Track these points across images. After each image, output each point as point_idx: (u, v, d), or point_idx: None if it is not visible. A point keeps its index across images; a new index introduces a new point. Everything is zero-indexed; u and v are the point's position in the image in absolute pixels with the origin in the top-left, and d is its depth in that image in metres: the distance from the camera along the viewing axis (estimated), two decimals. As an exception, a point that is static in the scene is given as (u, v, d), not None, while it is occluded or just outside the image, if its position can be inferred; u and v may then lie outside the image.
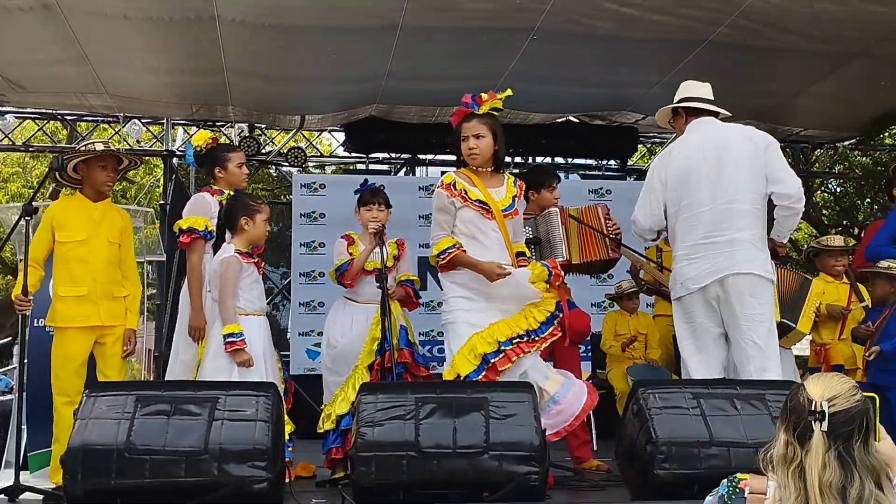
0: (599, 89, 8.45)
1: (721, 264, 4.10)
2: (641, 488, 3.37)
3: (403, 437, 3.16)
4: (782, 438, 2.06)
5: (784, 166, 4.18)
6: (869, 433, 2.03)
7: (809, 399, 2.03)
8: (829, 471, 1.96)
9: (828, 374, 2.13)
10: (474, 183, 4.13)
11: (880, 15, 6.63)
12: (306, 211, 8.66)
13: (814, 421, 2.00)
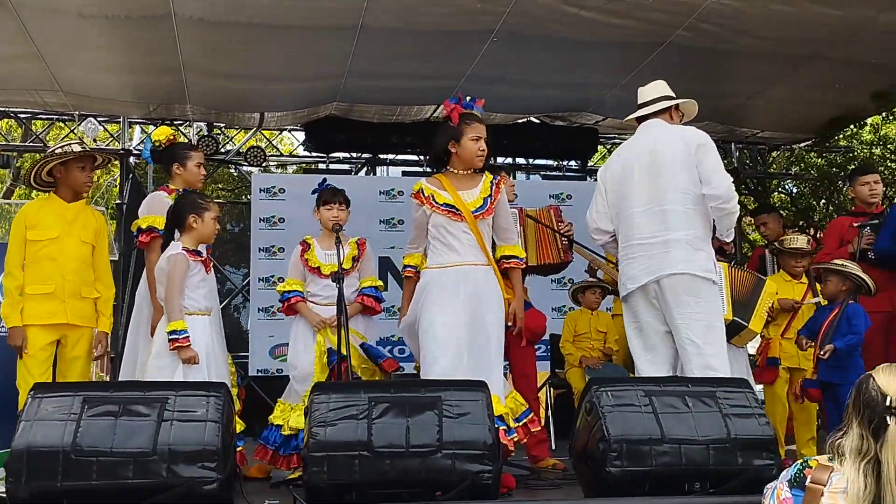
0: (560, 91, 8.50)
1: (656, 265, 4.18)
2: (594, 486, 3.38)
3: (356, 437, 3.14)
4: (856, 432, 2.12)
5: (713, 166, 4.15)
6: None
7: (884, 394, 2.10)
8: None
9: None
10: (444, 187, 4.18)
11: (834, 17, 6.75)
12: (265, 215, 8.58)
13: (889, 416, 2.07)
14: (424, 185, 4.21)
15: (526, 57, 7.36)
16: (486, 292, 4.13)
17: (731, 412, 3.38)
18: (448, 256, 4.13)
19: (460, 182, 4.20)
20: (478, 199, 4.20)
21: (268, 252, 8.51)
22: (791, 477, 2.23)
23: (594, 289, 6.30)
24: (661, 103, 4.39)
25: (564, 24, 6.71)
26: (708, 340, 4.07)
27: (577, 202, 9.28)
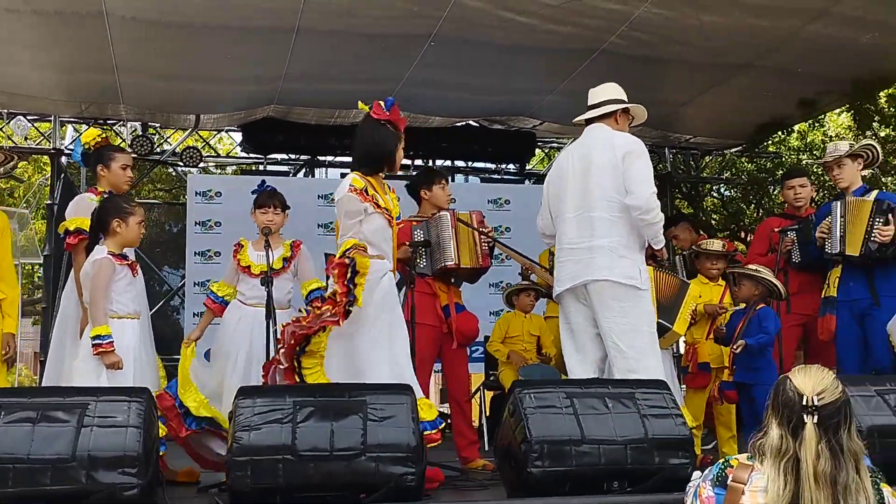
0: (497, 95, 8.59)
1: (582, 270, 4.28)
2: (517, 486, 3.45)
3: (280, 441, 3.16)
4: (775, 431, 2.19)
5: (636, 176, 4.19)
6: (851, 421, 2.20)
7: (800, 393, 2.17)
8: (823, 460, 2.11)
9: (812, 368, 2.27)
10: (376, 189, 4.13)
11: (763, 28, 6.96)
12: (201, 219, 8.51)
13: (806, 414, 2.14)
14: (366, 183, 4.10)
15: (463, 61, 7.44)
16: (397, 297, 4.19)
17: (648, 413, 3.48)
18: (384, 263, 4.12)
19: (379, 186, 4.19)
20: (395, 207, 4.23)
21: (203, 256, 8.43)
22: (713, 476, 2.29)
23: (528, 292, 6.37)
24: (606, 107, 4.44)
25: (500, 29, 6.80)
26: (631, 344, 4.17)
27: (514, 206, 9.42)
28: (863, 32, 6.98)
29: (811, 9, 6.60)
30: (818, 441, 2.13)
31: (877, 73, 7.88)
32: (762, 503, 2.16)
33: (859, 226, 4.95)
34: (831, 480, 2.10)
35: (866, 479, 2.16)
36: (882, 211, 4.90)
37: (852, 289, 5.04)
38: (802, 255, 5.36)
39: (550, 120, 9.39)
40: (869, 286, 5.00)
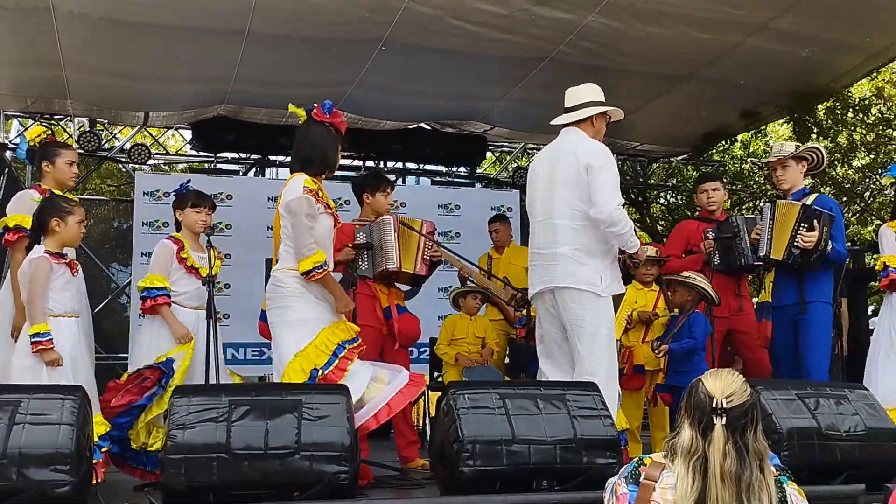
0: (448, 100, 8.69)
1: (546, 276, 4.37)
2: (449, 485, 3.52)
3: (214, 440, 3.19)
4: (687, 432, 2.31)
5: (599, 188, 4.22)
6: (757, 422, 2.33)
7: (710, 396, 2.29)
8: (729, 460, 2.23)
9: (723, 372, 2.39)
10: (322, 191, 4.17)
11: (706, 41, 7.17)
12: (148, 219, 8.45)
13: (715, 416, 2.26)
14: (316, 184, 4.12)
15: (414, 66, 7.51)
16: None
17: (578, 414, 3.57)
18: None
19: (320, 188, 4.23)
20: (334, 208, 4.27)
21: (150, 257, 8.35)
22: (628, 473, 2.41)
23: (474, 294, 6.45)
24: (581, 112, 4.44)
25: (451, 35, 6.89)
26: (590, 349, 4.24)
27: (465, 212, 9.51)
28: (801, 47, 7.23)
29: (751, 23, 6.81)
30: (726, 441, 2.24)
31: (815, 86, 8.16)
32: (671, 499, 2.27)
33: (786, 229, 4.94)
34: (736, 478, 2.22)
35: (769, 478, 2.28)
36: (808, 216, 4.89)
37: (784, 294, 5.10)
38: (721, 258, 5.41)
39: (501, 125, 9.51)
40: (798, 291, 5.03)
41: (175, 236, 4.80)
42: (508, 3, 6.42)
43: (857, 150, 9.49)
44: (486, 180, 10.60)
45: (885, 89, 9.27)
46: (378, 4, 6.34)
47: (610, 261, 4.36)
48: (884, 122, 9.32)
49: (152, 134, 9.71)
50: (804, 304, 4.99)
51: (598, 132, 4.47)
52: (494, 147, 10.61)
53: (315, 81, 7.86)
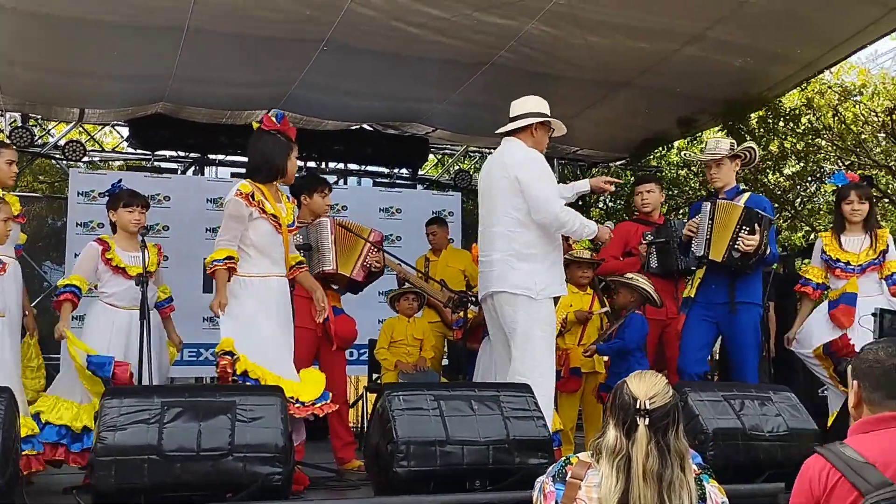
0: (390, 102, 8.69)
1: (485, 283, 4.55)
2: (383, 485, 3.55)
3: (146, 441, 3.17)
4: (612, 432, 2.35)
5: (535, 195, 4.36)
6: (679, 423, 2.38)
7: (634, 397, 2.34)
8: (651, 460, 2.28)
9: (646, 374, 2.44)
10: (266, 196, 4.20)
11: (644, 49, 7.30)
12: (83, 220, 8.27)
13: (639, 417, 2.31)
14: (253, 188, 4.17)
15: (356, 67, 7.51)
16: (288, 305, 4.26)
17: (511, 415, 3.64)
18: (267, 267, 4.20)
19: (274, 194, 4.28)
20: (288, 214, 4.31)
21: None
22: (555, 472, 2.45)
23: (408, 296, 6.47)
24: (518, 122, 4.60)
25: (392, 38, 6.91)
26: (523, 351, 4.36)
27: (405, 215, 9.54)
28: (735, 57, 7.42)
29: (687, 33, 6.97)
30: (648, 441, 2.30)
31: (748, 95, 8.36)
32: (596, 498, 2.33)
33: (726, 231, 4.95)
34: (657, 477, 2.28)
35: (690, 477, 2.35)
36: (750, 219, 4.91)
37: (713, 291, 5.08)
38: (658, 262, 5.52)
39: (443, 127, 9.55)
40: (729, 291, 5.04)
41: (103, 238, 4.75)
42: (450, 8, 6.46)
43: (787, 158, 9.76)
44: (428, 182, 10.64)
45: (815, 100, 9.55)
46: (320, 5, 6.32)
47: (548, 264, 4.47)
48: (813, 131, 9.60)
49: (88, 131, 9.50)
50: (734, 305, 5.03)
51: (538, 143, 4.61)
52: (436, 149, 10.66)
53: (256, 81, 7.82)
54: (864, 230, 5.20)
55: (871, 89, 9.61)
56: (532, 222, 4.42)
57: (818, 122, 9.64)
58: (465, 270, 6.69)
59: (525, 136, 4.57)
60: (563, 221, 4.41)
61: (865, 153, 9.87)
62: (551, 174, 4.54)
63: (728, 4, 6.48)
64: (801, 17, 6.81)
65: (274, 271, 4.22)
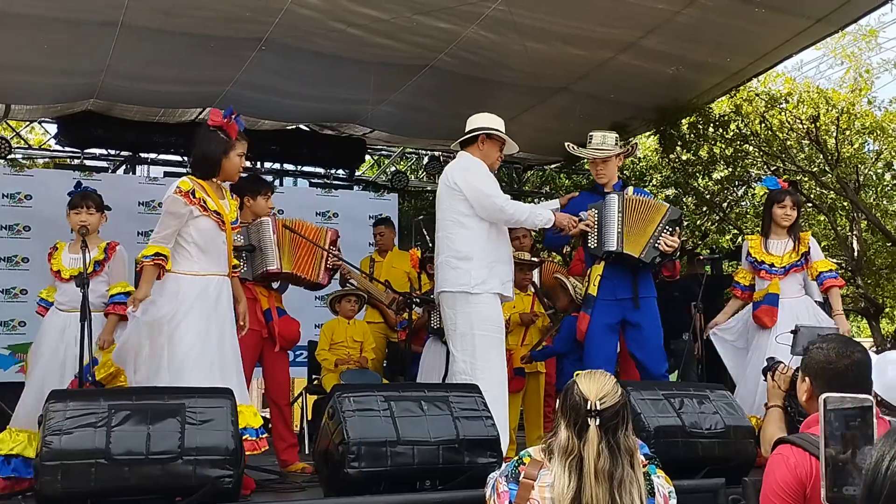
0: (328, 103, 8.66)
1: (436, 284, 4.69)
2: (333, 486, 3.55)
3: (94, 445, 3.11)
4: (563, 433, 2.39)
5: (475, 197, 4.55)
6: (628, 420, 2.44)
7: (585, 398, 2.38)
8: (602, 459, 2.32)
9: (596, 373, 2.49)
10: (208, 192, 4.14)
11: (579, 56, 7.45)
12: (8, 223, 8.02)
13: (590, 418, 2.35)
14: (194, 185, 4.11)
15: (294, 68, 7.46)
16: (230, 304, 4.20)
17: (461, 415, 3.68)
18: (208, 265, 4.11)
19: (215, 190, 4.23)
20: (232, 211, 4.26)
21: (9, 262, 7.95)
22: (508, 472, 2.49)
23: (349, 297, 6.46)
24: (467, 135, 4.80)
25: (331, 39, 6.89)
26: (463, 349, 4.45)
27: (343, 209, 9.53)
28: (667, 65, 7.61)
29: (622, 41, 7.14)
30: (599, 441, 2.35)
31: (679, 102, 8.61)
32: (549, 498, 2.38)
33: (646, 228, 4.91)
34: (608, 476, 2.33)
35: (639, 472, 2.42)
36: (673, 221, 4.93)
37: (617, 287, 4.98)
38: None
39: (381, 128, 9.55)
40: (632, 286, 4.99)
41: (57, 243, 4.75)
42: (390, 10, 6.47)
43: (716, 163, 10.06)
44: (365, 183, 10.63)
45: (743, 107, 9.86)
46: (259, 4, 6.27)
47: (487, 262, 4.56)
48: (741, 137, 9.92)
49: (12, 126, 9.20)
50: (637, 299, 5.01)
51: (486, 155, 4.76)
52: (373, 150, 10.65)
53: (191, 78, 7.70)
54: (788, 234, 5.37)
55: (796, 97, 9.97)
56: (470, 223, 4.56)
57: (746, 129, 9.96)
58: (409, 272, 6.72)
59: (473, 149, 4.77)
60: (507, 212, 4.58)
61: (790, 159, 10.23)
62: (489, 174, 4.70)
63: (662, 15, 6.65)
64: (731, 28, 7.03)
65: (213, 270, 4.14)
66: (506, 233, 4.78)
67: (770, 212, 5.42)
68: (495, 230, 4.66)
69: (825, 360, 2.42)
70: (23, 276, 7.87)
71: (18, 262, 7.95)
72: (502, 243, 4.69)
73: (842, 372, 2.38)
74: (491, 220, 4.58)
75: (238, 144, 4.25)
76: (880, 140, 10.49)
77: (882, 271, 12.15)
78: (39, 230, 7.83)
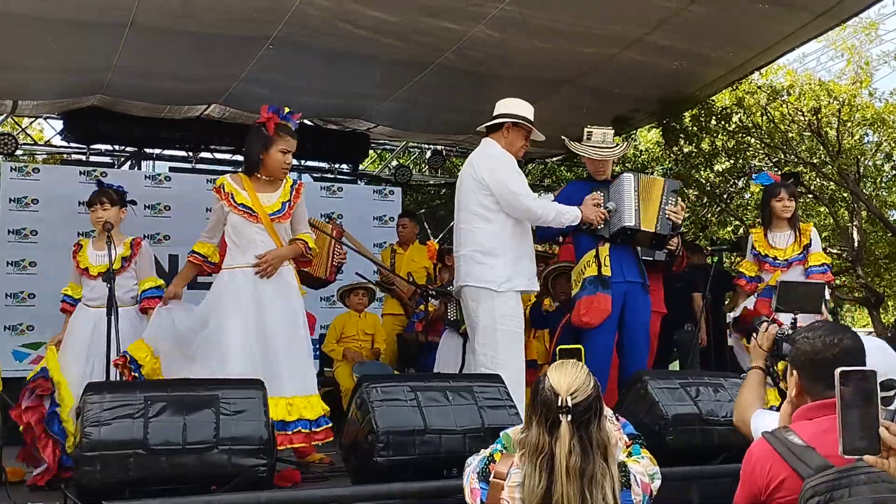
0: (333, 98, 8.70)
1: (456, 278, 4.71)
2: (362, 475, 3.63)
3: (131, 436, 3.17)
4: (535, 430, 2.31)
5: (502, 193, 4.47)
6: (600, 413, 2.35)
7: (556, 393, 2.29)
8: (574, 456, 2.25)
9: (567, 364, 2.39)
10: (245, 187, 4.25)
11: (585, 53, 7.53)
12: (15, 227, 8.01)
13: (561, 414, 2.27)
14: (227, 181, 4.29)
15: (301, 65, 7.50)
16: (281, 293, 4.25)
17: (485, 404, 3.76)
18: (241, 258, 4.22)
19: (261, 185, 4.31)
20: (276, 203, 4.31)
21: (17, 266, 7.96)
22: (479, 470, 2.43)
23: (358, 291, 6.51)
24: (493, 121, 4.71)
25: (338, 38, 6.94)
26: (484, 342, 4.48)
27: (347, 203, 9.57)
28: (671, 59, 7.68)
29: (627, 38, 7.21)
30: (571, 438, 2.26)
31: (682, 95, 8.68)
32: (519, 498, 2.31)
33: (652, 203, 4.93)
34: (580, 474, 2.24)
35: (613, 466, 2.32)
36: (673, 191, 4.96)
37: (626, 270, 4.96)
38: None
39: (385, 123, 9.60)
40: (639, 268, 4.99)
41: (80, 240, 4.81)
42: (397, 12, 6.52)
43: (718, 155, 10.14)
44: (369, 178, 10.67)
45: (745, 99, 9.94)
46: (268, 6, 6.31)
47: (512, 258, 4.56)
48: (743, 129, 10.01)
49: (17, 122, 9.22)
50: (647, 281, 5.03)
51: (511, 144, 4.69)
52: (376, 144, 10.69)
53: (198, 76, 7.74)
54: (789, 226, 5.44)
55: (797, 90, 10.05)
56: (495, 218, 4.52)
57: (748, 121, 10.04)
58: (427, 267, 6.78)
59: (498, 137, 4.69)
60: (534, 213, 4.56)
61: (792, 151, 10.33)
62: (518, 170, 4.63)
63: (667, 11, 6.72)
64: (735, 23, 7.10)
65: (244, 262, 4.22)
66: (528, 228, 4.75)
67: (769, 206, 5.48)
68: (519, 225, 4.61)
69: (812, 351, 2.25)
70: (30, 281, 7.90)
71: (26, 266, 7.96)
72: (526, 239, 4.68)
73: (831, 362, 2.17)
74: (517, 218, 4.55)
75: (280, 140, 4.31)
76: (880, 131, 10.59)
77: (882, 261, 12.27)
78: (46, 234, 7.88)
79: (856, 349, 2.23)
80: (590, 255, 4.92)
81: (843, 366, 1.85)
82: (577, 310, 4.92)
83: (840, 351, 2.20)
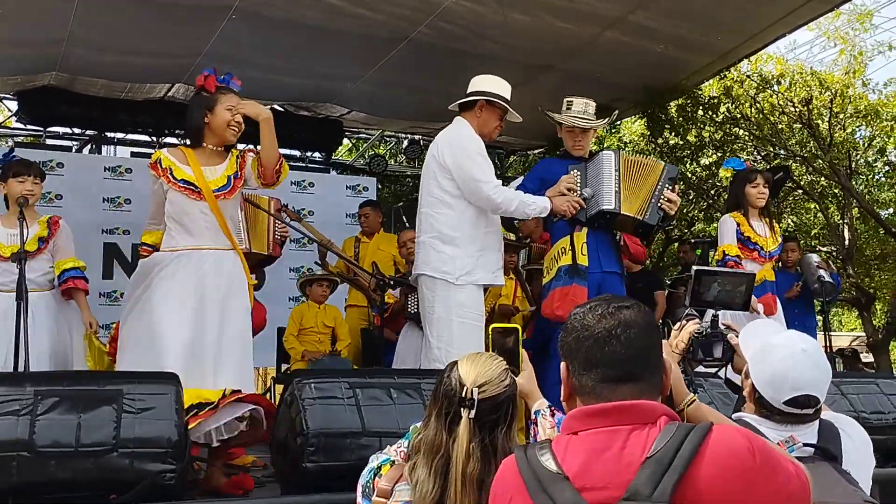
0: (304, 79, 8.36)
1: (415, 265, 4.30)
2: (291, 482, 3.23)
3: (15, 436, 2.76)
4: (433, 425, 1.96)
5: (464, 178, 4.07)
6: (513, 419, 1.96)
7: (462, 384, 1.93)
8: (473, 462, 1.88)
9: (482, 356, 2.02)
10: (187, 161, 3.78)
11: (565, 30, 7.14)
12: None
13: (463, 408, 1.90)
14: (164, 155, 3.80)
15: (268, 39, 7.13)
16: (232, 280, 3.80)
17: (435, 403, 3.36)
18: (181, 239, 3.77)
19: (206, 157, 3.83)
20: (221, 177, 3.83)
21: None
22: (364, 483, 2.08)
23: (321, 282, 6.14)
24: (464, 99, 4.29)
25: (307, 7, 6.59)
26: (439, 335, 4.10)
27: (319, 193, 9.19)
28: (655, 43, 7.34)
29: (609, 16, 6.87)
30: (470, 440, 1.89)
31: (668, 83, 8.33)
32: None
33: (643, 186, 4.45)
34: (478, 485, 1.87)
35: None
36: (671, 178, 4.47)
37: (603, 259, 4.51)
38: None
39: (358, 108, 9.22)
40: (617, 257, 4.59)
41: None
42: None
43: (705, 147, 9.78)
44: (342, 167, 10.29)
45: (733, 89, 9.58)
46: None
47: (475, 248, 4.15)
48: (731, 120, 9.65)
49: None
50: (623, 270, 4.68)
51: (484, 123, 4.28)
52: (351, 133, 10.32)
53: (158, 50, 7.34)
54: (761, 216, 5.10)
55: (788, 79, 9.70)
56: (457, 204, 4.13)
57: (736, 111, 9.69)
58: (395, 256, 6.40)
59: (471, 116, 4.27)
60: (496, 201, 4.09)
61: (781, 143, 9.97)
62: (484, 155, 4.18)
63: (649, -12, 6.39)
64: (722, 4, 6.80)
65: (189, 243, 3.76)
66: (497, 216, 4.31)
67: (742, 192, 5.04)
68: (484, 214, 4.19)
69: (581, 328, 1.57)
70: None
71: None
72: (492, 229, 4.25)
73: (600, 340, 1.53)
74: (478, 206, 4.14)
75: (223, 98, 3.83)
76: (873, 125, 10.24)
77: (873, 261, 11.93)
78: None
79: (638, 323, 1.55)
80: (564, 241, 4.44)
81: (618, 349, 1.46)
82: (549, 300, 4.43)
83: (618, 324, 1.54)
